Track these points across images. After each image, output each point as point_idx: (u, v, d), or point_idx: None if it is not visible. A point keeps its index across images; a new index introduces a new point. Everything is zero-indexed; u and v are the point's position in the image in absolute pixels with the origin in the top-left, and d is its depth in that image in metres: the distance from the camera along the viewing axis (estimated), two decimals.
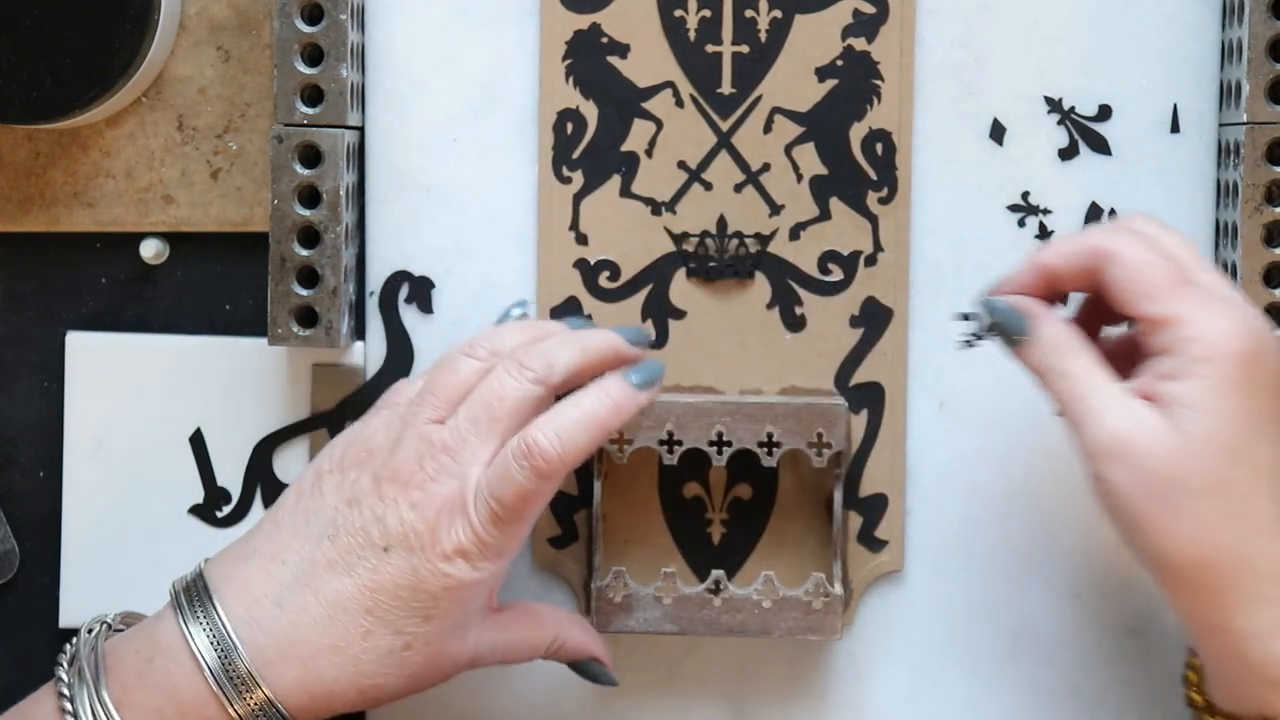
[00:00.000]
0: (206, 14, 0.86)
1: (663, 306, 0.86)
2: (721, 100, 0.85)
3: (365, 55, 0.86)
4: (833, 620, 0.82)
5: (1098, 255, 0.74)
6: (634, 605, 0.83)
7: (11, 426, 0.88)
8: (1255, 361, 0.72)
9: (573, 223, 0.86)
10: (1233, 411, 0.71)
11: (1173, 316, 0.72)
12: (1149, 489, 0.71)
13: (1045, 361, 0.75)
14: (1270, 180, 0.82)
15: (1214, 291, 0.73)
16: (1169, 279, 0.73)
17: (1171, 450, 0.71)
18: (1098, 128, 0.85)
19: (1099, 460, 0.72)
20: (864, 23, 0.85)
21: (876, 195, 0.85)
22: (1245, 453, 0.71)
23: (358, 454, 0.76)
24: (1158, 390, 0.72)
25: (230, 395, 0.86)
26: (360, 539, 0.74)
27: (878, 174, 0.85)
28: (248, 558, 0.75)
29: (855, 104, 0.85)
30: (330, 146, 0.82)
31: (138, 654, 0.74)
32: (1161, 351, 0.72)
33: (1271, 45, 0.82)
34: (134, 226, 0.87)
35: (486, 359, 0.77)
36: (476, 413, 0.75)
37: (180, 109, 0.86)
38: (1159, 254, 0.74)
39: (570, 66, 0.85)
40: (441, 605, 0.74)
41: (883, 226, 0.85)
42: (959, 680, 0.86)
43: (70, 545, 0.87)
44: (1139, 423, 0.71)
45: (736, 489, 0.86)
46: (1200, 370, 0.71)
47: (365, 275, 0.86)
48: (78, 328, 0.87)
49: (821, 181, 0.85)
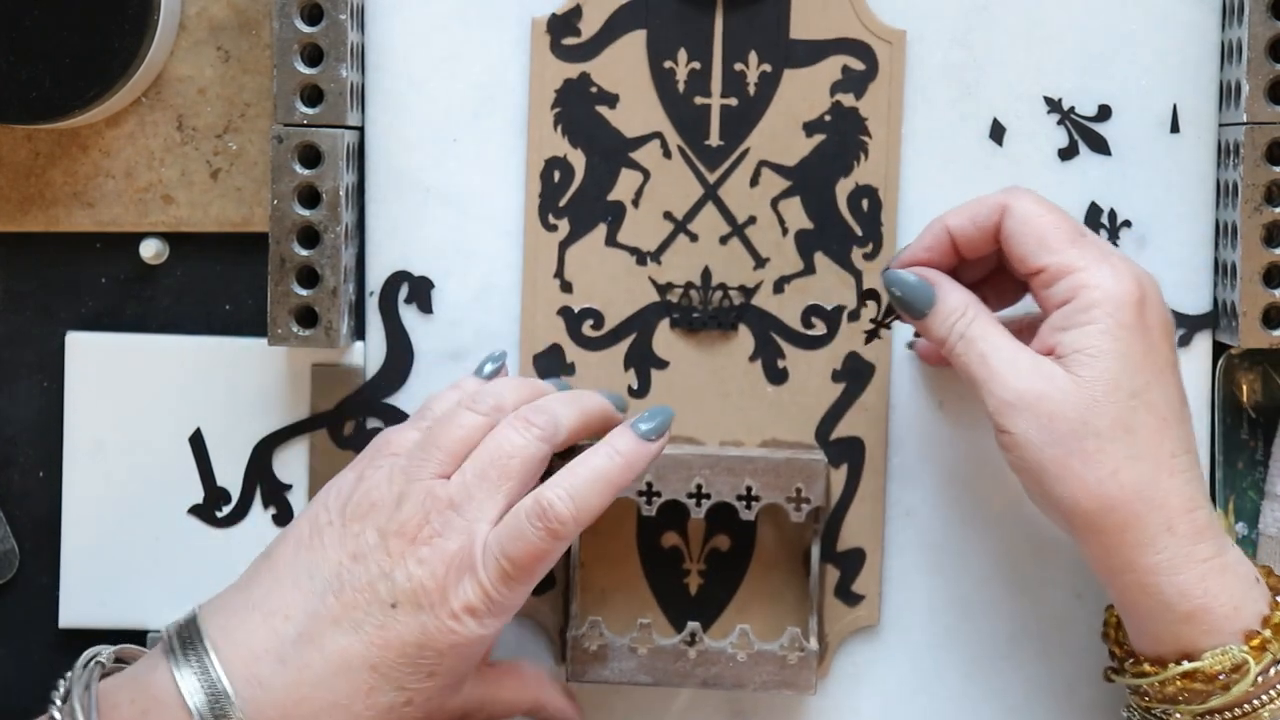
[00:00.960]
0: (206, 14, 0.86)
1: (646, 356, 0.86)
2: (709, 152, 0.85)
3: (365, 55, 0.86)
4: (807, 675, 0.82)
5: (996, 210, 0.77)
6: (609, 655, 0.83)
7: (11, 426, 0.88)
8: (1144, 305, 0.74)
9: (558, 270, 0.86)
10: (1129, 354, 0.74)
11: (1068, 265, 0.75)
12: (1054, 436, 0.73)
13: (950, 328, 0.77)
14: (1270, 180, 0.82)
15: (1107, 247, 0.76)
16: (1064, 231, 0.76)
17: (1073, 397, 0.73)
18: (1098, 128, 0.85)
19: (1004, 415, 0.74)
20: (853, 79, 0.85)
21: (861, 250, 0.85)
22: (1143, 394, 0.74)
23: (359, 506, 0.75)
24: (1057, 341, 0.74)
25: (230, 395, 0.86)
26: (367, 595, 0.73)
27: (863, 229, 0.85)
28: (248, 611, 0.74)
29: (842, 159, 0.85)
30: (330, 146, 0.82)
31: (132, 704, 0.73)
32: (1058, 305, 0.75)
33: (1271, 45, 0.82)
34: (134, 226, 0.87)
35: (489, 414, 0.77)
36: (485, 469, 0.75)
37: (180, 109, 0.86)
38: (1052, 207, 0.77)
39: (559, 115, 0.85)
40: (446, 662, 0.74)
41: (866, 281, 0.85)
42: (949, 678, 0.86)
43: (70, 545, 0.87)
44: (1041, 374, 0.74)
45: (715, 540, 0.86)
46: (1095, 316, 0.74)
47: (365, 275, 0.86)
48: (78, 328, 0.87)
49: (807, 236, 0.85)
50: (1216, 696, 0.74)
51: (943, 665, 0.86)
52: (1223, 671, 0.74)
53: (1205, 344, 0.86)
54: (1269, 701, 0.74)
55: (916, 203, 0.85)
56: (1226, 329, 0.84)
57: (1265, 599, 0.75)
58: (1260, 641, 0.74)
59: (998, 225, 0.77)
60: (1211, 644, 0.74)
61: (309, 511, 0.76)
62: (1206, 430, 0.86)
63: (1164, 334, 0.75)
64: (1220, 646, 0.74)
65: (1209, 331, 0.86)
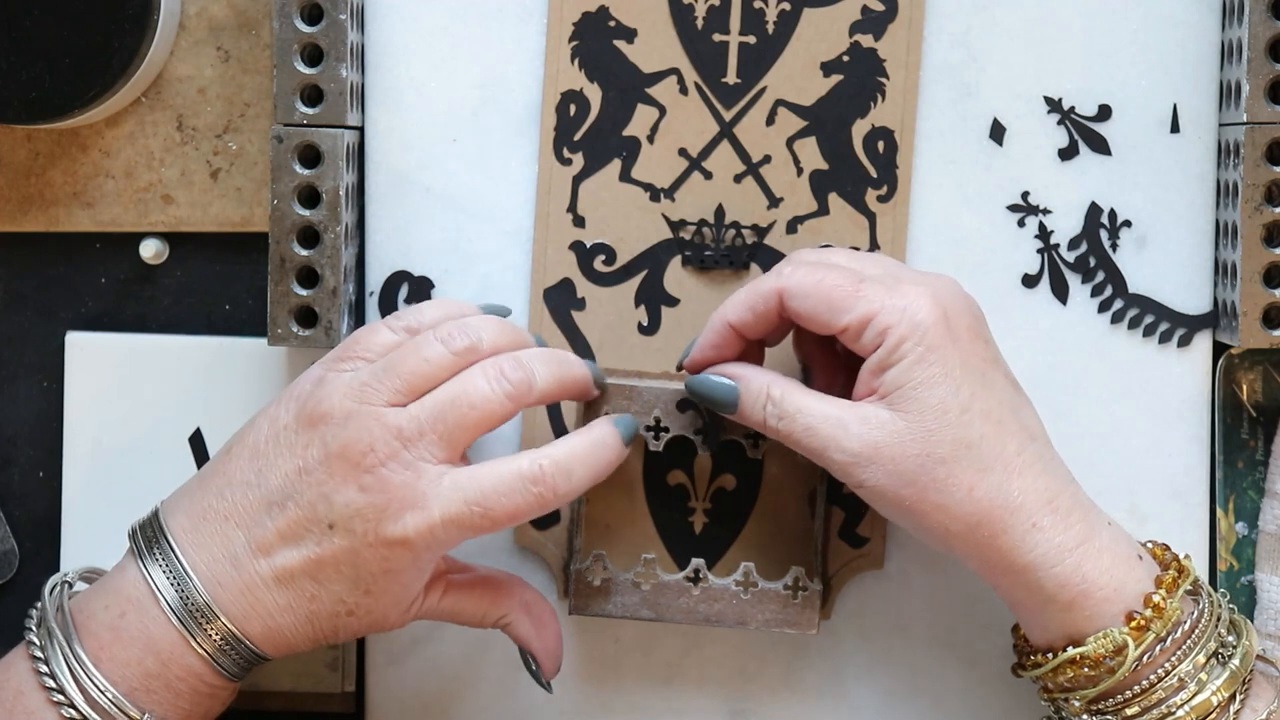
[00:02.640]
0: (206, 14, 0.86)
1: (657, 293, 0.86)
2: (726, 90, 0.85)
3: (365, 55, 0.86)
4: (810, 614, 0.83)
5: (772, 296, 0.77)
6: (612, 590, 0.83)
7: (11, 426, 0.88)
8: (947, 320, 0.75)
9: (571, 205, 0.86)
10: (948, 374, 0.74)
11: (863, 316, 0.75)
12: (904, 478, 0.74)
13: (764, 412, 0.77)
14: (1270, 180, 0.82)
15: (889, 277, 0.76)
16: (845, 286, 0.75)
17: (908, 435, 0.74)
18: (1098, 128, 0.85)
19: (851, 474, 0.75)
20: (872, 20, 0.85)
21: (876, 193, 0.85)
22: (971, 405, 0.74)
23: (313, 414, 0.75)
24: (878, 383, 0.75)
25: (230, 395, 0.86)
26: (308, 513, 0.75)
27: (878, 171, 0.85)
28: (204, 513, 0.76)
29: (859, 100, 0.85)
30: (330, 146, 0.82)
31: (108, 610, 0.75)
32: (871, 350, 0.75)
33: (1271, 45, 0.82)
34: (133, 226, 0.87)
35: (461, 355, 0.76)
36: (445, 412, 0.75)
37: (180, 109, 0.86)
38: (825, 270, 0.76)
39: (576, 48, 0.85)
40: (380, 583, 0.75)
41: (880, 225, 0.85)
42: (948, 677, 0.86)
43: (70, 545, 0.87)
44: (870, 425, 0.75)
45: (721, 479, 0.86)
46: (905, 350, 0.74)
47: (365, 275, 0.86)
48: (77, 328, 0.87)
49: (821, 176, 0.85)
50: (1105, 680, 0.75)
51: (946, 608, 0.86)
52: (1106, 655, 0.75)
53: (1205, 344, 0.86)
54: (1158, 681, 0.75)
55: (917, 203, 0.85)
56: (1226, 329, 0.84)
57: (1150, 575, 0.76)
58: (1141, 622, 0.75)
59: (778, 307, 0.77)
60: (1094, 628, 0.75)
61: (270, 409, 0.77)
62: (1206, 430, 0.86)
63: (974, 336, 0.76)
64: (1102, 630, 0.75)
65: (1209, 331, 0.86)
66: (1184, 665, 0.75)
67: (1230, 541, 0.87)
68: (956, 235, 0.85)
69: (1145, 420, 0.86)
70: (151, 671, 0.75)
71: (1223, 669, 0.75)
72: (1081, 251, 0.85)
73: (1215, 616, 0.76)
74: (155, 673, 0.75)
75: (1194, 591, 0.77)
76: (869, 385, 0.75)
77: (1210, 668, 0.75)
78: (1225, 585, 0.87)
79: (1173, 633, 0.75)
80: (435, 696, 0.87)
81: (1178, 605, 0.75)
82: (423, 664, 0.87)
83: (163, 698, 0.75)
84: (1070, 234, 0.85)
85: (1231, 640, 0.76)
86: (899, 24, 0.85)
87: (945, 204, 0.85)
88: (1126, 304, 0.85)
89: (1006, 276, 0.86)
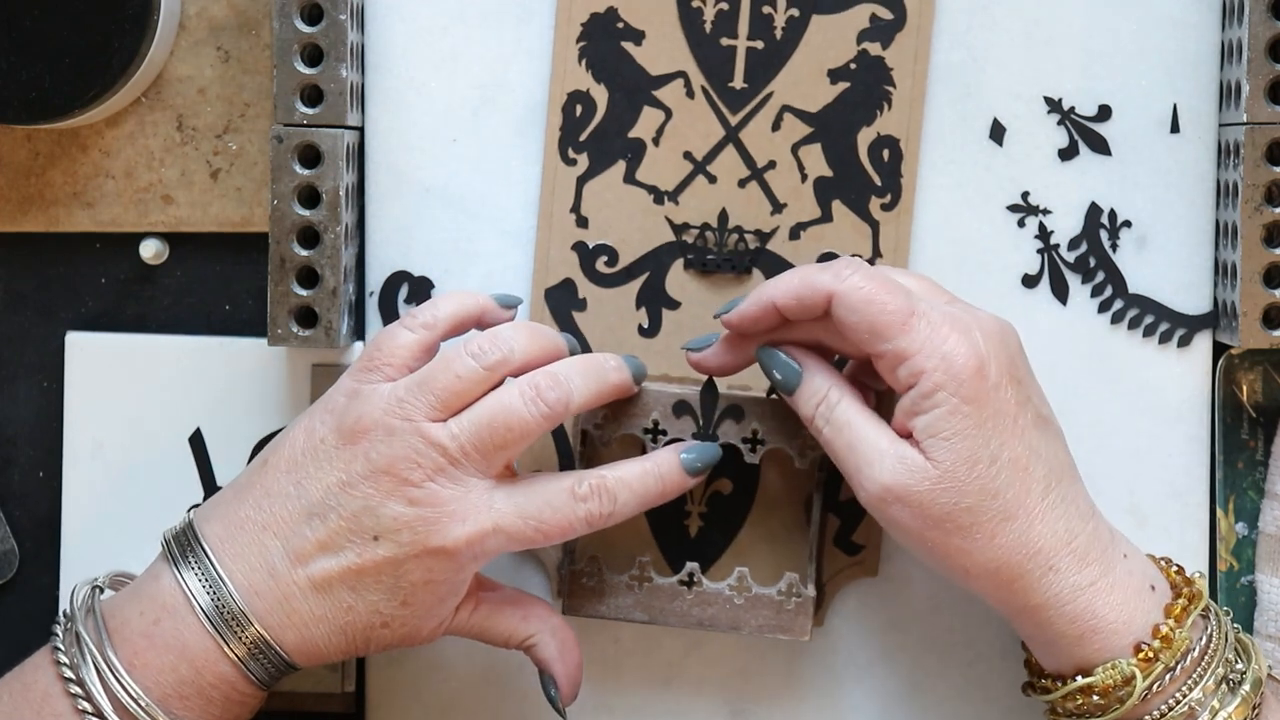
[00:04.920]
0: (206, 14, 0.86)
1: (658, 295, 0.86)
2: (732, 94, 0.85)
3: (365, 55, 0.86)
4: (803, 621, 0.83)
5: (823, 297, 0.76)
6: (606, 592, 0.83)
7: (11, 426, 0.88)
8: (983, 370, 0.75)
9: (574, 205, 0.86)
10: (981, 426, 0.75)
11: (902, 352, 0.75)
12: (930, 521, 0.75)
13: (815, 410, 0.78)
14: (1270, 180, 0.82)
15: (938, 315, 0.75)
16: (894, 316, 0.75)
17: (938, 485, 0.75)
18: (1098, 128, 0.85)
19: (877, 507, 0.76)
20: (880, 28, 0.85)
21: (879, 201, 0.85)
22: (1000, 455, 0.75)
23: (352, 429, 0.76)
24: (912, 426, 0.75)
25: (230, 395, 0.86)
26: (351, 524, 0.75)
27: (882, 180, 0.85)
28: (241, 523, 0.76)
29: (865, 108, 0.85)
30: (330, 147, 0.82)
31: (142, 616, 0.75)
32: (905, 388, 0.75)
33: (1271, 45, 0.82)
34: (133, 226, 0.87)
35: (493, 369, 0.77)
36: (482, 435, 0.76)
37: (180, 109, 0.86)
38: (883, 287, 0.75)
39: (584, 49, 0.85)
40: (419, 594, 0.76)
41: (883, 233, 0.85)
42: (947, 678, 0.86)
43: (70, 545, 0.87)
44: (905, 466, 0.75)
45: (717, 483, 0.86)
46: (939, 399, 0.74)
47: (365, 275, 0.86)
48: (77, 328, 0.87)
49: (825, 183, 0.85)
50: (1114, 709, 0.75)
51: (940, 617, 0.86)
52: (1115, 686, 0.75)
53: (1205, 344, 0.86)
54: (1168, 711, 0.75)
55: (917, 203, 0.85)
56: (1226, 329, 0.84)
57: (1160, 605, 0.76)
58: (1149, 653, 0.75)
59: (824, 305, 0.76)
60: (1104, 659, 0.75)
61: (305, 422, 0.78)
62: (1206, 430, 0.86)
63: (1010, 380, 0.76)
64: (1111, 660, 0.75)
65: (1209, 331, 0.86)
66: (1194, 693, 0.75)
67: (1230, 542, 0.87)
68: (957, 235, 0.85)
69: (1145, 420, 0.86)
70: (185, 678, 0.75)
71: (1233, 695, 0.75)
72: (1081, 252, 0.85)
73: (1224, 637, 0.76)
74: (188, 679, 0.75)
75: (1204, 612, 0.77)
76: (905, 424, 0.76)
77: (1221, 694, 0.75)
78: (1225, 586, 0.87)
79: (1181, 661, 0.75)
80: (435, 696, 0.87)
81: (1186, 634, 0.75)
82: (423, 664, 0.87)
83: (195, 704, 0.75)
84: (1070, 234, 0.85)
85: (1240, 666, 0.76)
86: (907, 33, 0.85)
87: (945, 204, 0.85)
88: (1126, 304, 0.85)
89: (1006, 277, 0.86)
